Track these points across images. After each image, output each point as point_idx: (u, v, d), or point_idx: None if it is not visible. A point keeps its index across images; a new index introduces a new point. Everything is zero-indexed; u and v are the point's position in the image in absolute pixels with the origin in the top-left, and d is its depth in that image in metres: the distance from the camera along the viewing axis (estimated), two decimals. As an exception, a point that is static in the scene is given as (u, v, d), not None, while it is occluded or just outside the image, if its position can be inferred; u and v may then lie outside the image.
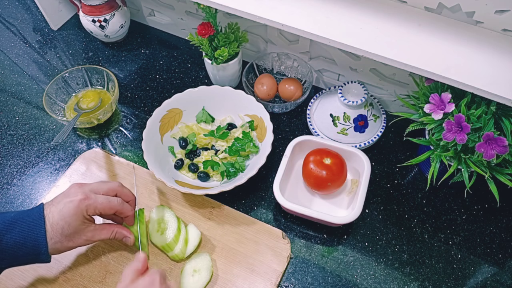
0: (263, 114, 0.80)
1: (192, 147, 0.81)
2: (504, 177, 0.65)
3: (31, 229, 0.54)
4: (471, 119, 0.62)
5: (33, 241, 0.54)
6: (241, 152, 0.79)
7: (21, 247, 0.53)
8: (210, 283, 0.68)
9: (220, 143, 0.82)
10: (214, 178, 0.79)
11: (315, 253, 0.72)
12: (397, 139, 0.85)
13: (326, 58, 0.86)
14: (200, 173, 0.78)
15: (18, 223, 0.54)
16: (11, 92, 0.96)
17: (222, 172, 0.78)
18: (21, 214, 0.56)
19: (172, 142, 0.83)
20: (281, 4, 0.68)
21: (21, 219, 0.54)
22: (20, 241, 0.53)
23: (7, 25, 1.10)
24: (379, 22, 0.65)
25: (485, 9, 0.61)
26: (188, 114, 0.85)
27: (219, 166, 0.77)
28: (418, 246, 0.72)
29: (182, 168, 0.80)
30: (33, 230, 0.54)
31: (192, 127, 0.84)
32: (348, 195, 0.76)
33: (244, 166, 0.79)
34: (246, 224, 0.73)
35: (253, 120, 0.82)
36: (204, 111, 0.85)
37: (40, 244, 0.55)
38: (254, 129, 0.82)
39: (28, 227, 0.54)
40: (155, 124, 0.80)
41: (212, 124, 0.85)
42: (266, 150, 0.74)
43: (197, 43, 0.83)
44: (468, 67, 0.59)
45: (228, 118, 0.85)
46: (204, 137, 0.82)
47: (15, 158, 0.85)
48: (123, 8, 0.99)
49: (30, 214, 0.56)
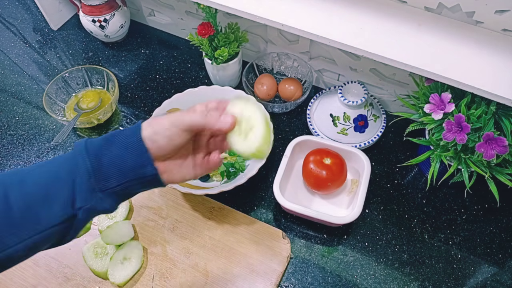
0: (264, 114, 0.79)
1: None
2: (504, 177, 0.65)
3: (130, 138, 0.48)
4: (471, 119, 0.62)
5: (133, 150, 0.48)
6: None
7: (123, 158, 0.48)
8: (209, 283, 0.68)
9: None
10: (214, 178, 0.79)
11: (315, 253, 0.72)
12: (397, 139, 0.85)
13: (326, 58, 0.86)
14: None
15: (119, 134, 0.49)
16: (11, 92, 0.96)
17: (222, 172, 0.78)
18: (122, 130, 0.50)
19: None
20: (281, 4, 0.68)
21: (122, 132, 0.49)
22: (121, 152, 0.47)
23: (7, 25, 1.10)
24: (379, 22, 0.65)
25: (485, 9, 0.61)
26: None
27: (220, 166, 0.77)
28: (418, 246, 0.72)
29: None
30: (132, 138, 0.48)
31: None
32: (348, 195, 0.76)
33: (244, 166, 0.79)
34: (246, 224, 0.73)
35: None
36: None
37: (141, 151, 0.48)
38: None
39: (127, 137, 0.48)
40: None
41: None
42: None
43: (197, 43, 0.83)
44: (468, 67, 0.59)
45: None
46: None
47: (15, 158, 0.85)
48: (123, 8, 0.99)
49: (130, 128, 0.50)
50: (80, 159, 0.46)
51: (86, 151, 0.46)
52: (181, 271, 0.69)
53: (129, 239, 0.72)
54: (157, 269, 0.70)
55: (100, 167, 0.46)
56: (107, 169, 0.47)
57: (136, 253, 0.70)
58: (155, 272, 0.69)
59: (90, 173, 0.46)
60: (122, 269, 0.68)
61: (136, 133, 0.48)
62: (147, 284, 0.68)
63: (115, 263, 0.68)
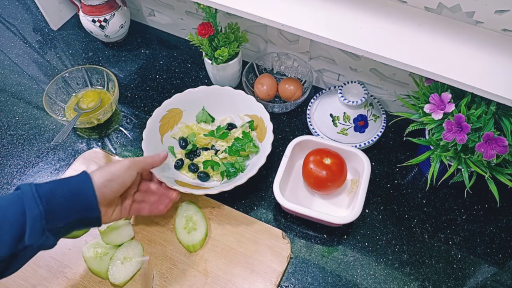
0: (263, 114, 0.80)
1: (192, 147, 0.81)
2: (504, 177, 0.65)
3: (79, 185, 0.57)
4: (471, 119, 0.62)
5: (82, 195, 0.57)
6: (241, 152, 0.78)
7: (72, 202, 0.56)
8: (209, 283, 0.68)
9: (220, 143, 0.82)
10: (214, 178, 0.79)
11: (315, 253, 0.72)
12: (397, 139, 0.85)
13: (326, 58, 0.86)
14: (200, 173, 0.78)
15: (66, 182, 0.57)
16: (11, 92, 0.96)
17: (222, 172, 0.78)
18: (67, 178, 0.58)
19: (172, 142, 0.83)
20: (281, 4, 0.68)
21: (68, 180, 0.58)
22: (70, 197, 0.55)
23: (7, 25, 1.10)
24: (379, 22, 0.65)
25: (485, 9, 0.61)
26: (188, 114, 0.85)
27: (219, 166, 0.77)
28: (418, 246, 0.72)
29: (182, 168, 0.80)
30: (82, 184, 0.57)
31: (192, 127, 0.84)
32: (348, 195, 0.76)
33: (244, 166, 0.78)
34: (246, 224, 0.73)
35: (253, 120, 0.82)
36: (204, 111, 0.85)
37: (90, 197, 0.57)
38: (254, 129, 0.82)
39: (76, 184, 0.57)
40: (155, 124, 0.80)
41: (212, 124, 0.85)
42: (266, 150, 0.74)
43: (197, 43, 0.83)
44: (468, 67, 0.59)
45: (228, 118, 0.85)
46: (204, 137, 0.82)
47: (15, 158, 0.85)
48: (123, 8, 0.99)
49: (77, 176, 0.59)
50: (32, 203, 0.52)
51: (38, 195, 0.53)
52: (181, 271, 0.69)
53: (129, 239, 0.72)
54: (157, 269, 0.70)
55: (51, 210, 0.53)
56: (56, 212, 0.54)
57: (136, 253, 0.70)
58: (155, 272, 0.69)
59: (41, 215, 0.52)
60: (122, 269, 0.68)
61: (86, 181, 0.58)
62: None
63: (115, 263, 0.68)
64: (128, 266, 0.68)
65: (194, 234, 0.71)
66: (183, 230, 0.72)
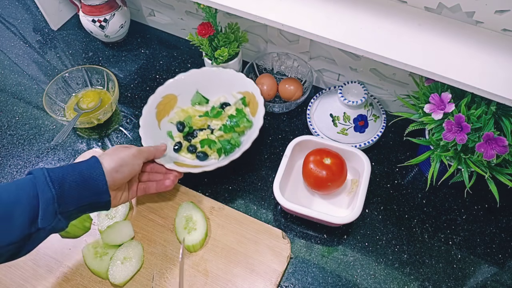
0: (254, 90, 0.82)
1: (189, 129, 0.83)
2: (504, 177, 0.65)
3: (90, 170, 0.59)
4: (471, 119, 0.62)
5: (93, 180, 0.59)
6: (235, 128, 0.81)
7: (83, 187, 0.58)
8: (209, 283, 0.68)
9: (215, 122, 0.84)
10: (212, 156, 0.81)
11: (315, 253, 0.72)
12: (397, 139, 0.85)
13: (326, 58, 0.86)
14: (198, 153, 0.80)
15: (77, 168, 0.58)
16: (11, 92, 0.96)
17: (219, 150, 0.79)
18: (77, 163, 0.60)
19: (170, 127, 0.84)
20: (281, 4, 0.68)
21: (79, 165, 0.59)
22: (81, 182, 0.57)
23: (7, 25, 1.10)
24: (379, 22, 0.65)
25: (485, 9, 0.61)
26: (183, 99, 0.86)
27: (215, 143, 0.79)
28: (418, 246, 0.72)
29: (181, 150, 0.82)
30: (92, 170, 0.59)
31: (187, 110, 0.86)
32: (348, 195, 0.76)
33: (240, 142, 0.80)
34: (246, 224, 0.73)
35: (245, 96, 0.84)
36: (198, 94, 0.87)
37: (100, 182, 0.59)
38: (246, 105, 0.84)
39: (87, 169, 0.59)
40: (151, 111, 0.82)
41: (206, 105, 0.87)
42: (259, 124, 0.76)
43: (197, 43, 0.83)
44: (468, 67, 0.59)
45: (222, 98, 0.87)
46: (199, 118, 0.84)
47: (15, 158, 0.85)
48: (123, 8, 0.99)
49: (86, 161, 0.61)
50: (44, 186, 0.54)
51: (50, 179, 0.55)
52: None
53: (129, 239, 0.72)
54: (157, 269, 0.70)
55: (63, 194, 0.55)
56: (68, 196, 0.56)
57: (136, 253, 0.70)
58: (155, 272, 0.69)
59: (54, 199, 0.54)
60: (122, 269, 0.68)
61: (97, 166, 0.60)
62: (147, 284, 0.68)
63: (115, 263, 0.68)
64: (128, 266, 0.68)
65: (194, 234, 0.71)
66: (183, 230, 0.72)
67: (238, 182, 0.80)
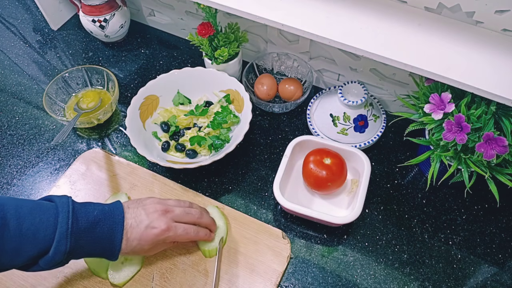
0: (238, 87, 0.83)
1: (175, 129, 0.84)
2: (504, 177, 0.65)
3: (111, 230, 0.59)
4: (471, 119, 0.62)
5: (109, 244, 0.59)
6: (223, 125, 0.82)
7: (98, 246, 0.58)
8: (209, 283, 0.68)
9: (201, 120, 0.85)
10: (201, 153, 0.82)
11: (315, 253, 0.72)
12: (397, 139, 0.85)
13: (326, 58, 0.86)
14: (188, 151, 0.81)
15: (100, 224, 0.58)
16: (11, 92, 0.96)
17: (210, 146, 0.80)
18: (103, 214, 0.59)
19: (154, 127, 0.85)
20: (281, 4, 0.68)
21: (103, 220, 0.58)
22: (98, 240, 0.58)
23: (7, 25, 1.10)
24: (379, 22, 0.65)
25: (485, 9, 0.61)
26: (164, 100, 0.87)
27: (206, 140, 0.80)
28: (418, 246, 0.72)
29: (170, 150, 0.82)
30: (112, 233, 0.59)
31: (171, 110, 0.87)
32: (348, 195, 0.76)
33: (229, 137, 0.81)
34: (246, 224, 0.73)
35: (228, 94, 0.85)
36: (179, 94, 0.87)
37: (115, 248, 0.59)
38: (231, 102, 0.85)
39: (108, 229, 0.58)
40: (135, 112, 0.82)
41: (189, 105, 0.88)
42: (248, 117, 0.78)
43: (197, 43, 0.84)
44: (468, 67, 0.59)
45: (204, 97, 0.88)
46: (185, 117, 0.85)
47: (15, 158, 0.85)
48: (123, 8, 0.99)
49: (111, 217, 0.60)
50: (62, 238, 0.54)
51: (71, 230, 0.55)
52: (181, 271, 0.69)
53: None
54: (157, 269, 0.70)
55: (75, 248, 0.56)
56: (79, 251, 0.57)
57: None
58: (155, 272, 0.69)
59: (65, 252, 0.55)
60: (122, 269, 0.68)
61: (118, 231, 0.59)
62: (147, 284, 0.68)
63: (115, 263, 0.68)
64: (128, 266, 0.68)
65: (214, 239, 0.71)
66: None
67: (238, 182, 0.80)
